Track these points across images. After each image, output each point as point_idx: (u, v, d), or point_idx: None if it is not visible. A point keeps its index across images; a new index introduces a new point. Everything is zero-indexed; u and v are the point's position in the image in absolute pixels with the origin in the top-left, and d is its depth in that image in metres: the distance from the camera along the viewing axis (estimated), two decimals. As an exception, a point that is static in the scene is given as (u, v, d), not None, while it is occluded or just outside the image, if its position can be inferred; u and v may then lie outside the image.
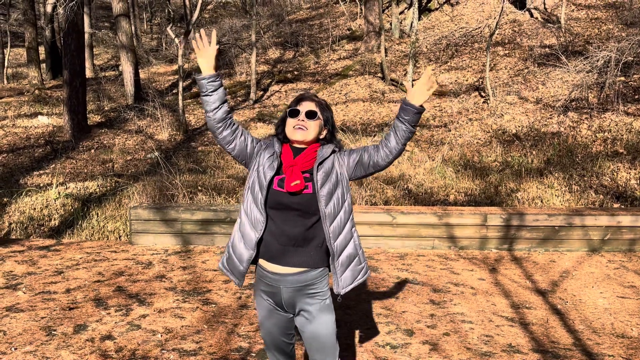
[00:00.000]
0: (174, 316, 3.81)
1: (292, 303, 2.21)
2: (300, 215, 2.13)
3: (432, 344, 3.41)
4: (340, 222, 2.17)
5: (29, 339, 3.38)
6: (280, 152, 2.21)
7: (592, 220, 5.55)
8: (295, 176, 2.10)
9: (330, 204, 2.13)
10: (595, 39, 12.69)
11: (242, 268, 2.21)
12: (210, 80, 2.14)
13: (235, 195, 7.58)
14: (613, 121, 9.56)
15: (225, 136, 2.21)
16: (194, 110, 14.43)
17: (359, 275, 2.25)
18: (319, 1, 24.35)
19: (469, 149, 9.78)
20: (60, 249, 5.63)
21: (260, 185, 2.15)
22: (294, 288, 2.17)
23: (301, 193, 2.12)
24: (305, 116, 2.18)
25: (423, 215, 5.62)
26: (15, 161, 10.37)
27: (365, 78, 14.69)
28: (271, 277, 2.19)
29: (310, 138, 2.19)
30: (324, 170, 2.16)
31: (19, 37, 23.59)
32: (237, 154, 2.25)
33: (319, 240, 2.17)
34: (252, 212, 2.17)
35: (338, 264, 2.18)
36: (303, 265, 2.16)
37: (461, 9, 17.49)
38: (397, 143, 2.17)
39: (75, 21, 11.88)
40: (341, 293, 2.20)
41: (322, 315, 2.19)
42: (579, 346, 3.42)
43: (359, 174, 2.24)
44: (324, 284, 2.22)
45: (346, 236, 2.19)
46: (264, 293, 2.24)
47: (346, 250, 2.20)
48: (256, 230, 2.15)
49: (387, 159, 2.19)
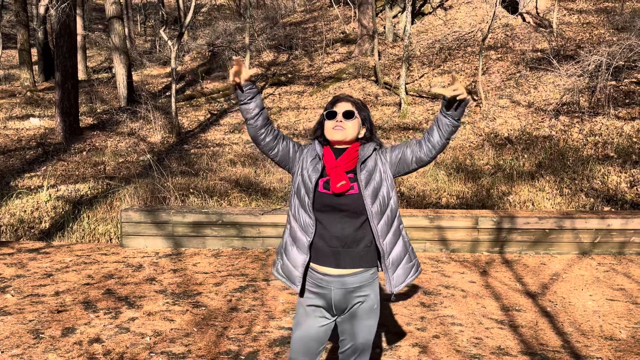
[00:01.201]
0: (163, 319, 3.79)
1: (341, 305, 2.20)
2: (348, 216, 2.13)
3: (422, 347, 3.41)
4: (388, 220, 2.16)
5: (17, 342, 3.35)
6: (322, 155, 2.20)
7: (583, 223, 5.58)
8: (340, 177, 2.10)
9: (376, 202, 2.12)
10: (586, 43, 12.78)
11: (297, 273, 2.19)
12: (248, 87, 2.13)
13: (227, 198, 7.56)
14: (604, 125, 9.63)
15: (268, 142, 2.21)
16: (186, 112, 14.41)
17: (411, 272, 2.24)
18: (313, 4, 24.40)
19: (462, 152, 9.82)
20: (50, 251, 5.59)
21: (306, 188, 2.15)
22: (346, 290, 2.17)
23: (347, 194, 2.11)
24: (342, 116, 2.18)
25: (415, 218, 5.63)
26: (6, 163, 10.30)
27: (359, 81, 14.72)
28: (323, 279, 2.18)
29: (350, 137, 2.19)
30: (367, 169, 2.16)
31: (11, 38, 23.48)
32: (280, 160, 2.25)
33: (368, 240, 2.17)
34: (301, 217, 2.17)
35: (389, 262, 2.17)
36: (355, 266, 2.16)
37: (454, 13, 17.58)
38: (441, 137, 2.16)
39: (68, 23, 11.84)
40: (394, 292, 2.19)
41: (368, 320, 2.21)
42: (568, 348, 3.43)
43: (402, 170, 2.23)
44: (374, 287, 2.22)
45: (395, 234, 2.19)
46: (313, 294, 2.22)
47: (396, 249, 2.19)
48: (307, 234, 2.15)
49: (431, 153, 2.18)
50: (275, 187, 8.15)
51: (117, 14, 14.92)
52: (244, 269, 5.02)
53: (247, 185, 8.21)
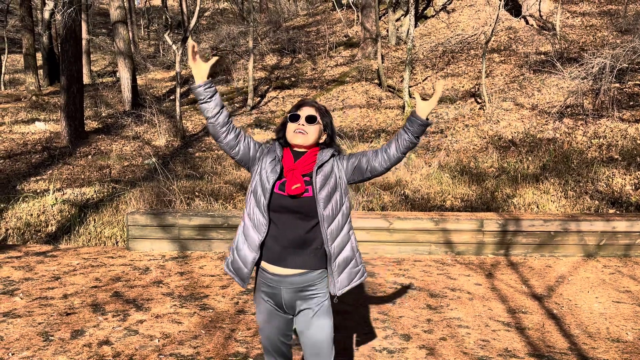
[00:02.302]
0: (171, 321, 3.81)
1: (292, 304, 2.24)
2: (300, 218, 2.17)
3: (429, 349, 3.42)
4: (338, 225, 2.20)
5: (26, 345, 3.38)
6: (282, 156, 2.25)
7: (588, 225, 5.58)
8: (295, 179, 2.14)
9: (329, 206, 2.17)
10: (590, 46, 12.79)
11: (246, 270, 2.24)
12: (206, 87, 2.19)
13: (232, 201, 7.59)
14: (608, 127, 9.63)
15: (229, 141, 2.25)
16: (191, 116, 14.46)
17: (356, 277, 2.28)
18: (316, 8, 24.47)
19: (465, 154, 9.83)
20: (57, 254, 5.62)
21: (263, 188, 2.19)
22: (294, 289, 2.21)
23: (301, 196, 2.15)
24: (305, 121, 2.22)
25: (420, 221, 5.64)
26: (12, 167, 10.36)
27: (362, 84, 14.76)
28: (272, 279, 2.23)
29: (310, 142, 2.24)
30: (323, 173, 2.20)
31: (16, 43, 23.62)
32: (240, 158, 2.29)
33: (319, 243, 2.21)
34: (255, 215, 2.21)
35: (335, 265, 2.21)
36: (302, 266, 2.20)
37: (457, 16, 17.61)
38: (397, 151, 2.22)
39: (73, 28, 11.91)
40: (337, 294, 2.23)
41: (320, 319, 2.23)
42: (575, 350, 3.44)
43: (356, 178, 2.28)
44: (323, 286, 2.25)
45: (343, 239, 2.23)
46: (265, 294, 2.28)
47: (343, 253, 2.23)
48: (259, 233, 2.19)
49: (385, 164, 2.24)
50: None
51: (121, 18, 15.00)
52: (250, 271, 5.03)
53: (252, 189, 8.22)
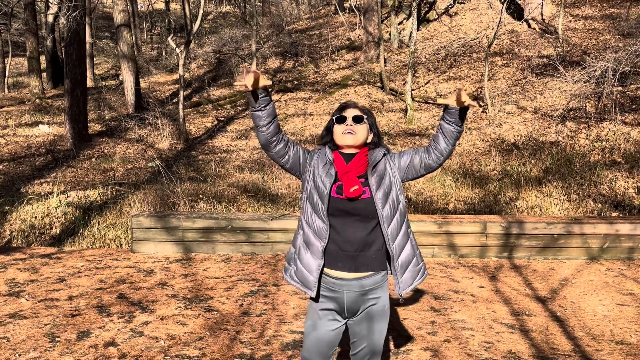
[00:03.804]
0: (176, 323, 3.83)
1: (353, 307, 2.24)
2: (360, 220, 2.17)
3: (434, 351, 3.43)
4: (397, 224, 2.20)
5: (33, 346, 3.40)
6: (333, 159, 2.24)
7: (591, 228, 5.59)
8: (352, 182, 2.14)
9: (387, 206, 2.17)
10: (592, 49, 12.81)
11: (312, 278, 2.21)
12: (262, 95, 2.15)
13: (236, 204, 7.61)
14: (611, 130, 9.64)
15: (279, 150, 2.23)
16: (194, 119, 14.50)
17: (418, 275, 2.29)
18: (318, 11, 24.54)
19: (468, 157, 9.84)
20: (61, 256, 5.65)
21: (320, 194, 2.18)
22: (358, 292, 2.21)
23: (359, 198, 2.15)
24: (352, 121, 2.23)
25: (423, 224, 5.66)
26: (17, 170, 10.40)
27: (364, 88, 14.79)
28: (335, 282, 2.22)
29: (360, 141, 2.24)
30: (377, 173, 2.20)
31: (20, 46, 23.73)
32: (290, 167, 2.28)
33: (380, 244, 2.21)
34: (314, 222, 2.20)
35: (398, 265, 2.22)
36: (366, 269, 2.20)
37: (459, 20, 17.65)
38: (447, 144, 2.22)
39: (78, 31, 11.98)
40: (402, 294, 2.24)
41: (380, 322, 2.25)
42: (579, 352, 3.44)
43: (410, 175, 2.29)
44: (385, 289, 2.27)
45: (403, 237, 2.23)
46: (326, 299, 2.25)
47: (404, 252, 2.24)
48: (321, 239, 2.18)
49: (439, 160, 2.25)
50: (283, 193, 8.20)
51: (125, 22, 15.07)
52: (254, 274, 5.06)
53: (255, 191, 8.26)
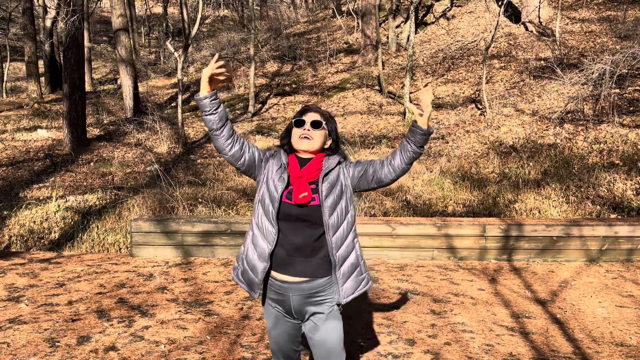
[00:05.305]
0: (176, 327, 3.83)
1: (300, 310, 2.25)
2: (307, 227, 2.17)
3: (434, 354, 3.44)
4: (343, 233, 2.20)
5: (33, 351, 3.39)
6: (287, 163, 2.24)
7: (590, 230, 5.60)
8: (302, 188, 2.14)
9: (334, 215, 2.17)
10: (589, 51, 12.86)
11: (257, 280, 2.23)
12: (211, 99, 2.15)
13: (235, 207, 7.61)
14: (608, 132, 9.67)
15: (235, 153, 2.23)
16: (192, 123, 14.51)
17: (360, 285, 2.28)
18: (316, 15, 24.60)
19: (467, 160, 9.86)
20: (61, 261, 5.64)
21: (271, 198, 2.18)
22: (303, 295, 2.22)
23: (308, 205, 2.15)
24: (310, 126, 2.22)
25: (422, 226, 5.66)
26: (15, 174, 10.39)
27: (362, 91, 14.82)
28: (281, 286, 2.23)
29: (316, 147, 2.24)
30: (329, 181, 2.20)
31: (18, 51, 23.72)
32: (246, 169, 2.28)
33: (326, 250, 2.21)
34: (263, 225, 2.20)
35: (340, 274, 2.21)
36: (309, 275, 2.20)
37: (457, 23, 17.71)
38: (402, 162, 2.20)
39: (76, 35, 11.99)
40: (342, 302, 2.23)
41: (330, 322, 2.23)
42: (579, 354, 3.45)
43: (362, 186, 2.27)
44: (331, 291, 2.26)
45: (348, 247, 2.23)
46: (273, 301, 2.28)
47: (348, 261, 2.23)
48: (268, 242, 2.19)
49: (390, 176, 2.22)
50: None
51: (123, 26, 15.09)
52: (254, 277, 5.05)
53: (254, 195, 8.26)
